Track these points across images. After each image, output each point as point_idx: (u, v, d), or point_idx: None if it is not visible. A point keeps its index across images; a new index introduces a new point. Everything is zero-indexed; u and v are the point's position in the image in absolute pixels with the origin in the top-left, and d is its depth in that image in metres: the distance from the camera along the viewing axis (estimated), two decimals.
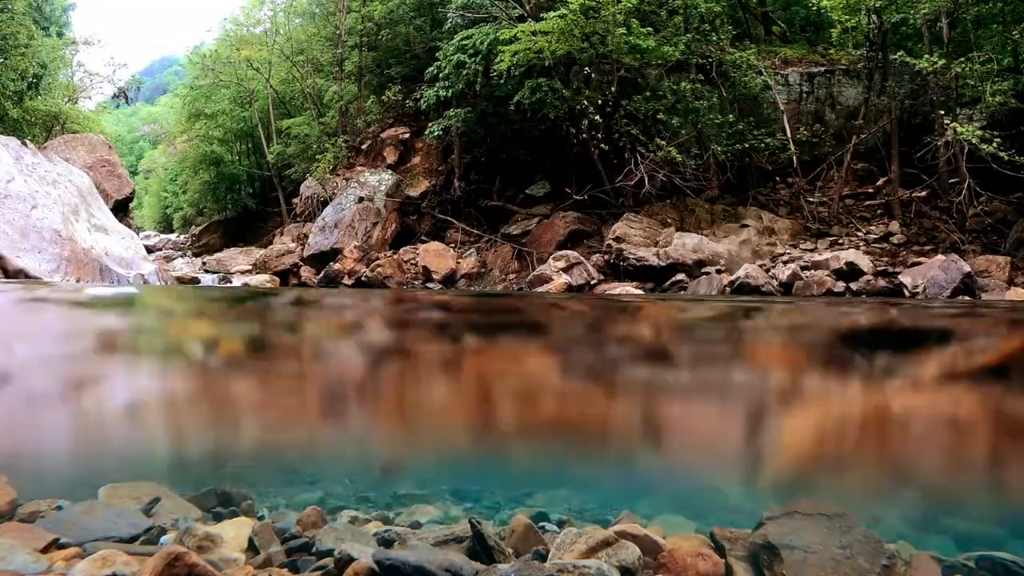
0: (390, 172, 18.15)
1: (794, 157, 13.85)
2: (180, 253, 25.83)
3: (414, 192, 17.82)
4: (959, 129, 11.22)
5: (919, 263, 11.16)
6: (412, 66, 19.38)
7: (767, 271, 11.83)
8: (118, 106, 34.25)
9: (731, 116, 14.14)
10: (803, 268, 11.65)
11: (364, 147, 19.64)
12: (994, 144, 10.80)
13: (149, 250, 18.71)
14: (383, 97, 19.36)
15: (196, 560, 2.67)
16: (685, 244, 12.54)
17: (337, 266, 15.31)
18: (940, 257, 10.79)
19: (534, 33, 13.28)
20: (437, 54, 15.76)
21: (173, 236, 32.82)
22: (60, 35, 26.10)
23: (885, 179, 13.91)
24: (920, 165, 12.96)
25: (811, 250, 12.71)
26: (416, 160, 18.80)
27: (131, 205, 21.03)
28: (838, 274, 11.23)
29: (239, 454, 4.84)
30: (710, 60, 14.39)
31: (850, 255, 11.51)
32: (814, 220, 13.54)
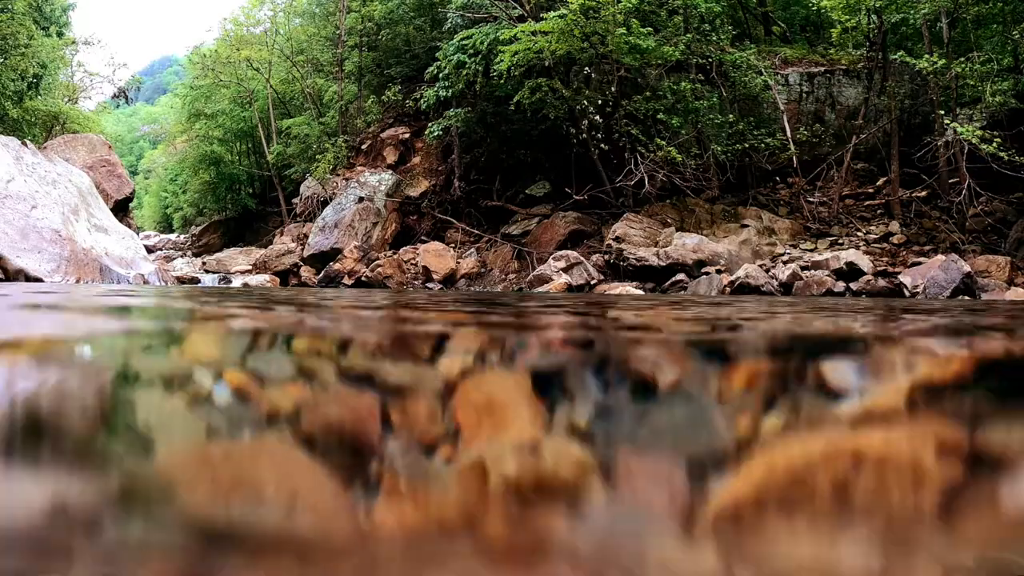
0: (390, 172, 18.15)
1: (794, 157, 13.86)
2: (180, 253, 25.85)
3: (414, 192, 17.83)
4: (959, 129, 11.22)
5: (919, 263, 11.16)
6: (412, 66, 19.39)
7: (767, 271, 11.84)
8: (118, 106, 34.23)
9: (731, 116, 14.15)
10: (803, 268, 11.65)
11: (364, 147, 19.64)
12: (994, 144, 10.80)
13: (149, 250, 18.72)
14: (383, 97, 19.37)
15: None
16: (685, 244, 12.54)
17: (337, 266, 15.31)
18: (940, 257, 10.79)
19: (534, 33, 13.29)
20: (437, 54, 15.76)
21: (173, 236, 32.83)
22: (60, 35, 26.07)
23: (885, 179, 13.91)
24: (920, 165, 12.97)
25: (811, 250, 12.72)
26: (416, 160, 18.81)
27: (131, 205, 21.02)
28: (838, 274, 11.23)
29: None
30: (710, 60, 14.39)
31: (850, 255, 11.51)
32: (814, 220, 13.54)
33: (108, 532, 0.54)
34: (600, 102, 14.05)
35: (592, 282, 12.62)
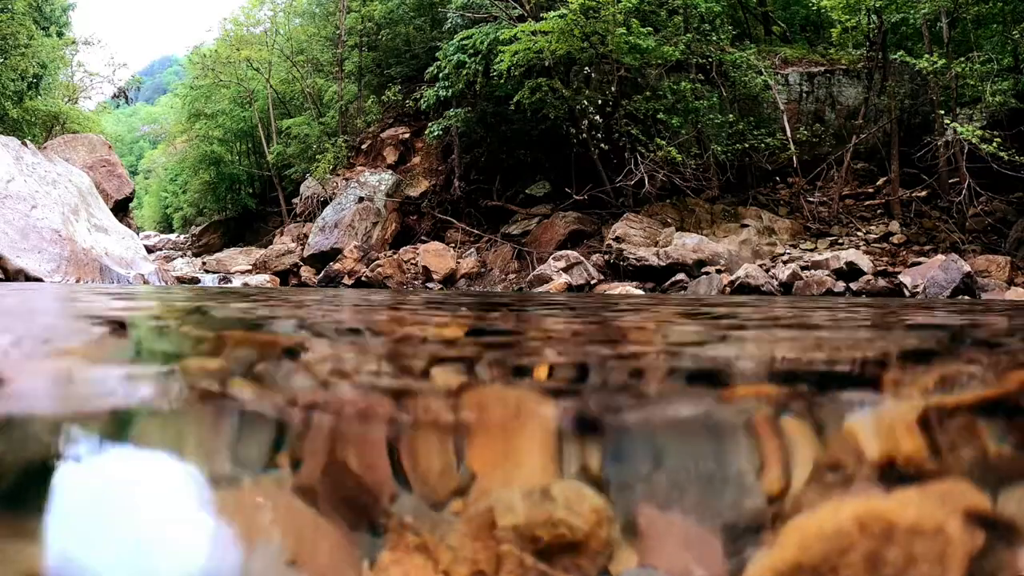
0: (390, 172, 18.15)
1: (794, 157, 13.86)
2: (180, 253, 25.85)
3: (414, 192, 17.83)
4: (959, 129, 11.22)
5: (919, 263, 11.16)
6: (412, 66, 19.39)
7: (767, 271, 11.84)
8: (118, 106, 34.23)
9: (731, 116, 14.14)
10: (803, 268, 11.65)
11: (364, 147, 19.65)
12: (994, 144, 10.80)
13: (149, 250, 18.72)
14: (383, 97, 19.37)
15: None
16: (685, 244, 12.54)
17: (337, 266, 15.31)
18: (940, 257, 10.79)
19: (534, 33, 13.28)
20: (437, 54, 15.76)
21: (173, 236, 32.83)
22: (60, 35, 26.06)
23: (885, 179, 13.91)
24: (920, 165, 12.97)
25: (811, 250, 12.72)
26: (416, 160, 18.81)
27: (131, 205, 21.03)
28: (838, 274, 11.24)
29: None
30: (710, 60, 14.39)
31: (850, 255, 11.51)
32: (814, 220, 13.54)
33: None
34: (600, 102, 14.05)
35: (592, 282, 12.63)
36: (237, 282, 14.76)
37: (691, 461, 0.95)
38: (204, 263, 19.85)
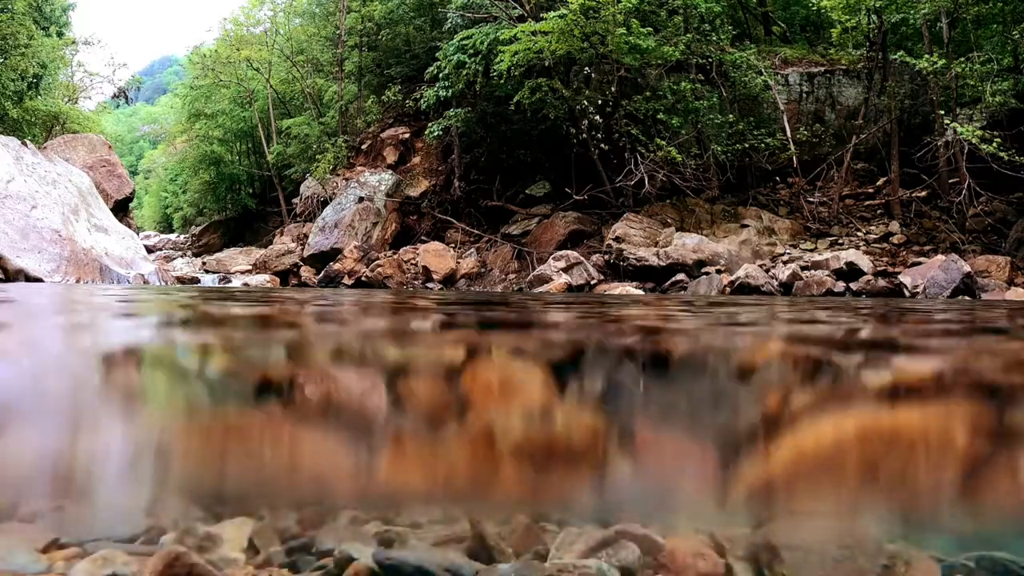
0: (390, 172, 18.14)
1: (794, 157, 13.86)
2: (180, 253, 25.84)
3: (414, 192, 17.82)
4: (959, 129, 11.22)
5: (919, 263, 11.16)
6: (412, 66, 19.38)
7: (767, 271, 11.84)
8: (118, 106, 34.23)
9: (731, 116, 14.14)
10: (803, 268, 11.65)
11: (364, 147, 19.64)
12: (994, 144, 10.80)
13: (149, 250, 18.71)
14: (383, 97, 19.36)
15: (196, 560, 2.66)
16: (685, 244, 12.54)
17: (337, 266, 15.31)
18: (940, 257, 10.79)
19: (534, 33, 13.28)
20: (437, 54, 15.76)
21: (173, 236, 32.81)
22: (60, 35, 26.04)
23: (885, 179, 13.91)
24: (920, 165, 12.97)
25: (811, 250, 12.72)
26: (416, 160, 18.80)
27: (131, 205, 21.03)
28: (838, 274, 11.24)
29: None
30: (710, 60, 14.39)
31: (850, 255, 11.51)
32: (814, 220, 13.54)
33: None
34: (600, 102, 14.05)
35: (592, 282, 12.62)
36: (237, 282, 14.76)
37: None
38: (204, 263, 19.84)
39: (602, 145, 14.05)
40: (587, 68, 14.32)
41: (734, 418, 1.22)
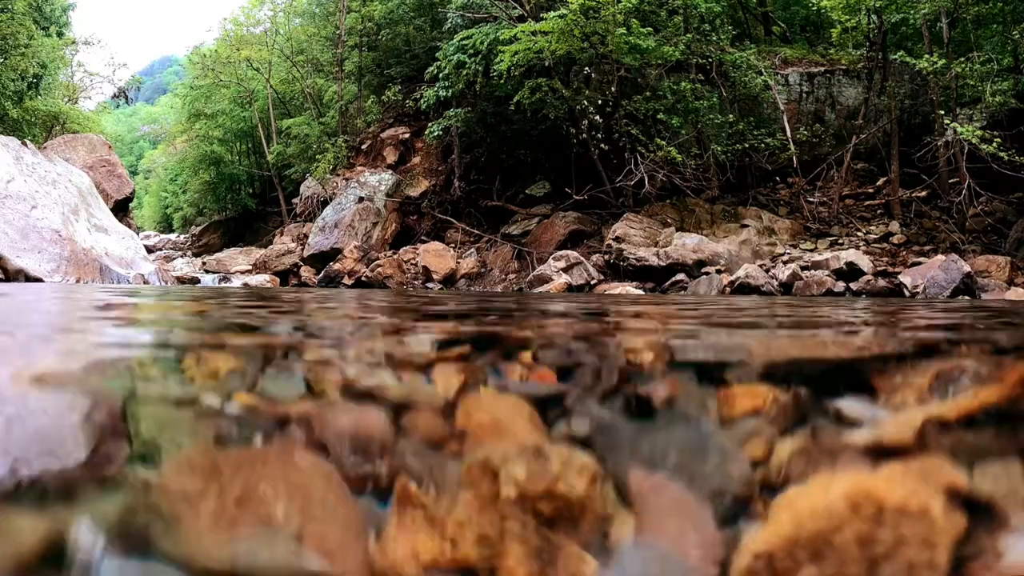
0: (390, 172, 18.15)
1: (794, 157, 13.86)
2: (180, 253, 25.86)
3: (414, 192, 17.83)
4: (959, 129, 11.22)
5: (919, 263, 11.16)
6: (412, 66, 19.40)
7: (767, 271, 11.84)
8: (118, 106, 34.25)
9: (731, 116, 14.15)
10: (803, 268, 11.65)
11: (364, 147, 19.66)
12: (994, 144, 10.80)
13: (149, 250, 18.72)
14: (383, 97, 19.38)
15: None
16: (685, 244, 12.54)
17: (337, 266, 15.32)
18: (940, 257, 10.79)
19: (534, 33, 13.29)
20: (437, 54, 15.76)
21: (173, 236, 32.84)
22: (60, 35, 26.07)
23: (885, 179, 13.92)
24: (920, 165, 12.97)
25: (811, 250, 12.72)
26: (416, 160, 18.82)
27: (131, 205, 21.04)
28: (838, 274, 11.23)
29: None
30: (710, 60, 14.39)
31: (850, 255, 11.51)
32: (814, 220, 13.54)
33: None
34: (600, 102, 14.05)
35: (592, 282, 12.63)
36: (237, 282, 14.76)
37: None
38: (204, 263, 19.85)
39: (602, 145, 14.06)
40: (587, 68, 14.33)
41: None
